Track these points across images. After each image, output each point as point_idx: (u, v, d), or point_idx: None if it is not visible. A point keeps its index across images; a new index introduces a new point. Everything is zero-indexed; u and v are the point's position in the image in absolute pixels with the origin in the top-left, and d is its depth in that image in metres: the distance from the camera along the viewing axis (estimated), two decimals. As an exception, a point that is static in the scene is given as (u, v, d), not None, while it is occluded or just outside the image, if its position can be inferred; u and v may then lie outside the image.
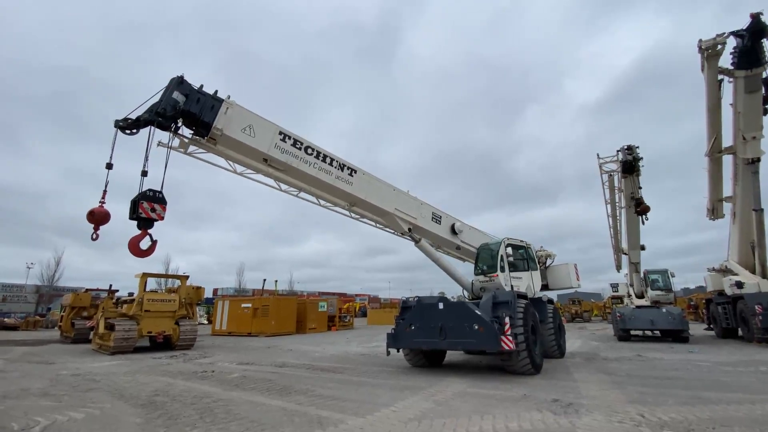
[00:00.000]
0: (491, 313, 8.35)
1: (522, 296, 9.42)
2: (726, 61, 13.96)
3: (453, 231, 11.28)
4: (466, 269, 12.42)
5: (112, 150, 7.28)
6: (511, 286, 10.04)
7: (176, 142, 8.33)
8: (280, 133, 8.73)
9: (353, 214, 10.66)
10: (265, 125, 8.63)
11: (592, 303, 45.16)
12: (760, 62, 12.76)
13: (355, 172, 9.71)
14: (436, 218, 11.03)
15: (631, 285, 18.25)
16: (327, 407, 5.82)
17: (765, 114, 13.78)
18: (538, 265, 11.64)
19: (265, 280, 40.57)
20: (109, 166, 7.29)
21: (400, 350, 9.61)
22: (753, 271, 15.26)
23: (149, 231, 7.42)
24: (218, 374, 9.19)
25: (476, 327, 8.04)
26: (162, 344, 14.59)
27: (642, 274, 17.86)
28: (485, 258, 10.81)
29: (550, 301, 11.70)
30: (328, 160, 9.31)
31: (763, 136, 14.06)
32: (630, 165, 14.56)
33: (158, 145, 8.08)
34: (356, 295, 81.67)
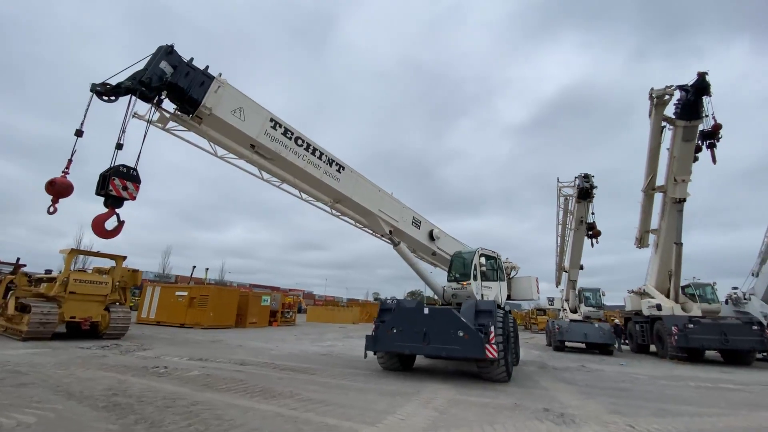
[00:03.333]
0: (473, 320, 8.52)
1: (498, 306, 9.76)
2: (668, 110, 15.93)
3: (431, 237, 11.38)
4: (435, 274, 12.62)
5: (85, 116, 6.28)
6: (482, 295, 10.38)
7: (155, 115, 7.43)
8: (271, 120, 8.16)
9: (334, 212, 10.27)
10: (257, 110, 8.02)
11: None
12: (699, 116, 14.65)
13: (343, 168, 9.36)
14: (416, 223, 11.04)
15: (567, 300, 19.95)
16: (328, 414, 5.47)
17: (695, 161, 15.88)
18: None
19: (194, 267, 37.56)
20: (79, 133, 6.35)
21: (375, 353, 9.44)
22: (667, 296, 17.53)
23: (117, 210, 6.49)
24: (173, 371, 8.23)
25: (461, 334, 8.15)
26: (86, 332, 12.75)
27: (577, 291, 19.62)
28: (459, 266, 11.03)
29: (510, 311, 12.30)
30: (317, 153, 8.86)
31: (691, 180, 16.18)
32: (586, 192, 15.91)
33: (134, 116, 7.14)
34: (290, 290, 79.25)
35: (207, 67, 7.40)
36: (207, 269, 43.01)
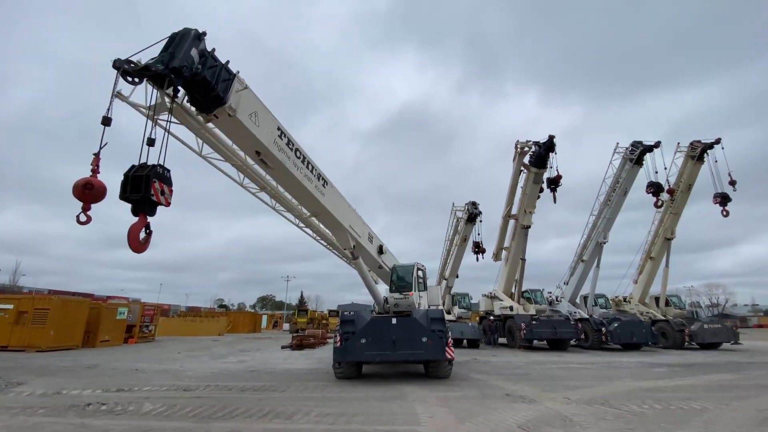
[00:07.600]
0: (428, 327, 9.92)
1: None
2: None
3: (380, 251, 12.34)
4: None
5: (112, 99, 5.15)
6: (418, 304, 11.94)
7: (138, 98, 6.40)
8: (278, 128, 8.01)
9: (301, 223, 10.26)
10: (269, 117, 7.85)
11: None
12: (545, 166, 19.91)
13: (327, 183, 9.61)
14: (371, 238, 11.86)
15: (443, 304, 23.52)
16: (370, 423, 5.94)
17: (538, 198, 21.33)
18: (424, 287, 14.06)
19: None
20: (107, 121, 5.14)
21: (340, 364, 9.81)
22: (512, 298, 22.77)
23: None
24: (117, 407, 6.93)
25: (425, 340, 9.44)
26: None
27: (451, 296, 23.40)
28: (400, 278, 12.36)
29: None
30: (310, 166, 8.97)
31: (534, 212, 21.65)
32: (474, 216, 19.47)
33: (116, 96, 6.07)
34: (107, 297, 65.20)
35: (228, 62, 6.77)
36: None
